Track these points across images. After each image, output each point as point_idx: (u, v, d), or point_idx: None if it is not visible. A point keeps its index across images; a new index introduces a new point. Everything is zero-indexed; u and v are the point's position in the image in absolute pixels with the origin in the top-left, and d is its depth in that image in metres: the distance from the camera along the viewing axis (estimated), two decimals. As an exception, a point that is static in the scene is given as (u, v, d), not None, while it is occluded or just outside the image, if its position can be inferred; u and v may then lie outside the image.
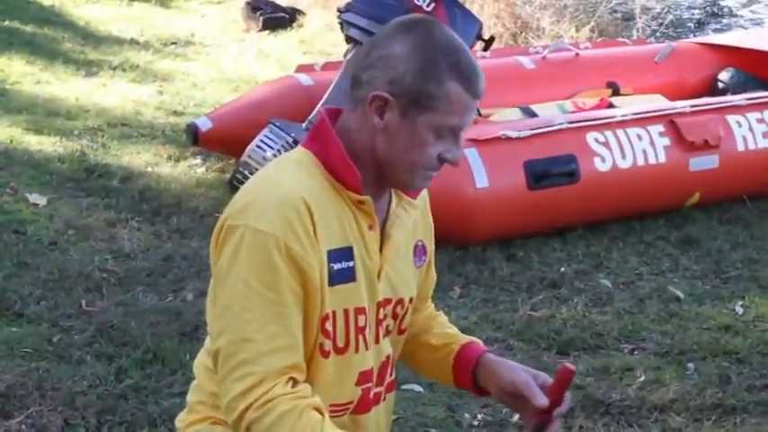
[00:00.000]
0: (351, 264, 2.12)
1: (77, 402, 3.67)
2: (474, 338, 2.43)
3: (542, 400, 2.19)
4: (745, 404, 3.88)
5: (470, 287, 4.83)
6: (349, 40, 5.42)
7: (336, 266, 2.10)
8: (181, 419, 2.33)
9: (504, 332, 4.53)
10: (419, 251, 2.31)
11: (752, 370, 4.19)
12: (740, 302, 4.77)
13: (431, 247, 2.39)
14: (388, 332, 2.26)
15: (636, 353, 4.37)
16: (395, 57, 2.09)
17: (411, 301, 2.30)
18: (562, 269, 5.04)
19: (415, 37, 2.10)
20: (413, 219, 2.26)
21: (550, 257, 5.17)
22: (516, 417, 3.75)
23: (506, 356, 4.28)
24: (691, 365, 4.23)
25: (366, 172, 2.13)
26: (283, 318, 2.03)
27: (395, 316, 2.27)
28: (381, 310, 2.22)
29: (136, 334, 4.18)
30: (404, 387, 3.77)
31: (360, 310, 2.15)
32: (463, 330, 4.46)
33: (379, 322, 2.23)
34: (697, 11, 11.35)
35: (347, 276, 2.12)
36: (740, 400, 3.91)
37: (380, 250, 2.18)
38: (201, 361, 2.29)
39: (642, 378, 4.08)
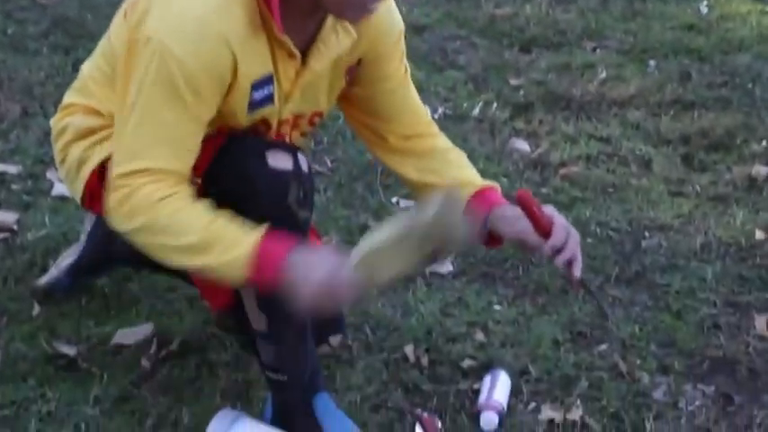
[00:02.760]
0: (269, 91, 1.98)
1: (35, 92, 3.64)
2: (484, 183, 2.19)
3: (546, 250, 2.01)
4: (704, 100, 3.91)
5: (433, -16, 4.74)
6: None
7: (257, 95, 1.96)
8: (53, 119, 2.24)
9: (467, 29, 4.49)
10: (354, 70, 2.13)
11: (712, 67, 4.20)
12: (705, 2, 4.74)
13: (380, 50, 2.13)
14: (302, 135, 2.17)
15: (598, 50, 4.36)
16: None
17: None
18: (527, -33, 4.95)
19: None
20: (348, 43, 2.03)
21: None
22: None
23: (469, 53, 4.28)
24: (652, 62, 4.23)
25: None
26: (176, 141, 1.90)
27: (312, 123, 2.17)
28: (285, 124, 2.10)
29: (92, 27, 4.10)
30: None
31: (266, 123, 2.06)
32: (425, 28, 4.47)
33: (279, 135, 2.10)
34: None
35: (266, 101, 1.99)
36: (699, 96, 3.93)
37: (296, 76, 2.01)
38: (96, 62, 2.17)
39: (603, 75, 4.09)
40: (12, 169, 3.14)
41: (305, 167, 1.98)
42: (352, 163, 3.33)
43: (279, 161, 1.96)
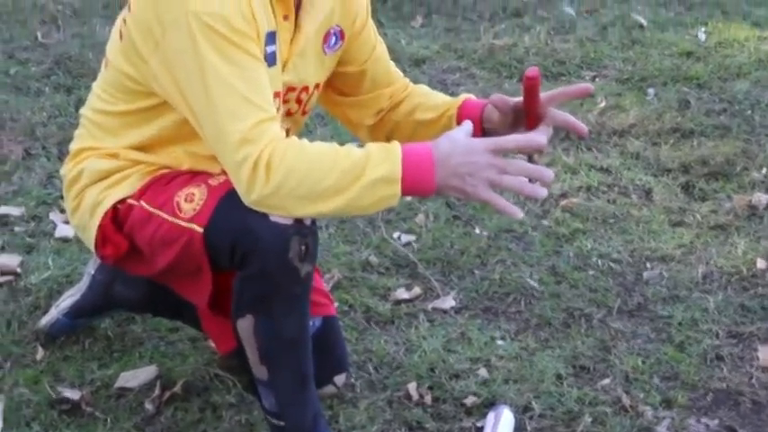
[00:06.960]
0: (274, 48, 2.03)
1: (38, 133, 3.66)
2: (466, 96, 2.27)
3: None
4: (703, 128, 3.91)
5: (432, 16, 4.77)
6: None
7: (268, 49, 2.01)
8: (64, 169, 2.23)
9: (466, 61, 4.51)
10: (331, 37, 2.19)
11: (711, 95, 4.22)
12: (703, 29, 4.75)
13: (358, 24, 2.23)
14: (289, 114, 2.20)
15: (597, 79, 4.38)
16: None
17: (317, 86, 2.22)
18: (525, -3, 4.98)
19: None
20: (330, 6, 2.14)
21: (514, -14, 5.09)
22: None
23: (469, 85, 4.29)
24: (651, 91, 4.25)
25: None
26: (253, 81, 1.93)
27: (299, 101, 2.20)
28: (276, 97, 2.10)
29: (94, 65, 4.11)
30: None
31: (276, 94, 2.08)
32: (425, 60, 4.49)
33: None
34: None
35: (270, 61, 2.03)
36: (698, 124, 3.94)
37: (291, 41, 2.09)
38: (92, 106, 2.18)
39: (603, 104, 4.10)
40: (15, 211, 3.15)
41: (307, 220, 1.97)
42: (354, 198, 3.33)
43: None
